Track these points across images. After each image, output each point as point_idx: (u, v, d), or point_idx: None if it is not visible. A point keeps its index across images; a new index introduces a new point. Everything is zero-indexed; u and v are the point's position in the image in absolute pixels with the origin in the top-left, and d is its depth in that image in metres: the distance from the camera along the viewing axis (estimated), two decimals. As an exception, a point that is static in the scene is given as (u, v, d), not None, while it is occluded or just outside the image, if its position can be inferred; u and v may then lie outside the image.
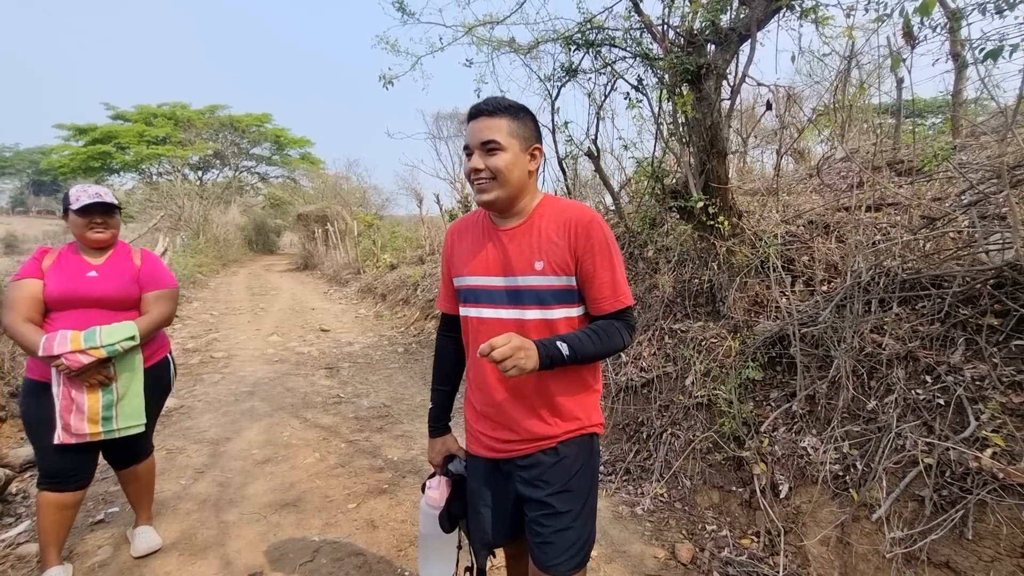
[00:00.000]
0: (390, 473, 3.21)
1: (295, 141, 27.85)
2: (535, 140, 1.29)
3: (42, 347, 1.86)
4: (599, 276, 1.25)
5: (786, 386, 2.79)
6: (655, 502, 2.75)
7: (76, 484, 2.09)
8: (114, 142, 22.95)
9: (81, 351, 1.89)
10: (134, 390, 2.07)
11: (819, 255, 2.91)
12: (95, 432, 1.98)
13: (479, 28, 4.58)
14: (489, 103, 1.26)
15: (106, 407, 2.00)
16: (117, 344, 1.96)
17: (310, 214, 18.69)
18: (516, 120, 1.25)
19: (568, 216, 1.27)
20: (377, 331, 7.64)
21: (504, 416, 1.35)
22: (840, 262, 2.86)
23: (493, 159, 1.23)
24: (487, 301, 1.34)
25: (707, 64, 2.73)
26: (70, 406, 1.94)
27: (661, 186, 3.13)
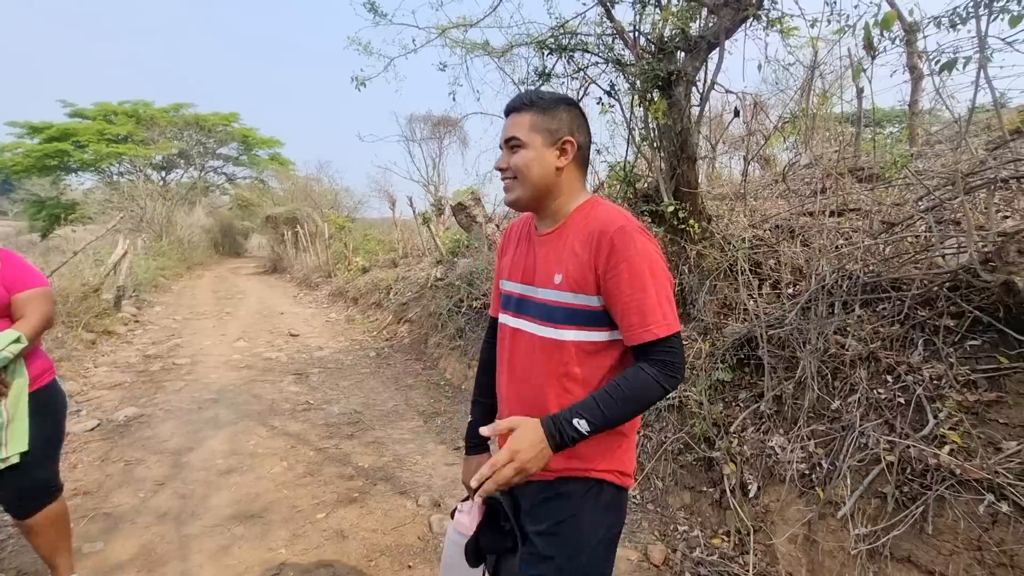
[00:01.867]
0: (361, 481, 3.14)
1: (264, 141, 27.21)
2: (567, 132, 1.14)
3: None
4: (623, 297, 1.05)
5: (754, 387, 2.84)
6: (628, 504, 2.76)
7: None
8: (72, 140, 21.99)
9: None
10: (22, 409, 1.83)
11: (785, 259, 2.98)
12: None
13: (453, 30, 4.55)
14: (517, 98, 1.17)
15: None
16: (5, 350, 1.75)
17: (279, 216, 18.27)
18: (543, 113, 1.14)
19: (595, 225, 1.11)
20: (348, 336, 7.51)
21: None
22: (805, 265, 2.94)
23: (515, 157, 1.15)
24: (514, 309, 1.24)
25: (677, 71, 2.77)
26: None
27: (633, 190, 3.17)
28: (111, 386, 5.02)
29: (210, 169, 27.21)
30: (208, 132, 24.95)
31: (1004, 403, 2.02)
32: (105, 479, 3.15)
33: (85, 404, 4.50)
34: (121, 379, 5.25)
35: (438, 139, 15.77)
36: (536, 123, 1.14)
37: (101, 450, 3.57)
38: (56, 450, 2.04)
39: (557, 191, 1.17)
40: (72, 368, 5.48)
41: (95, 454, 3.51)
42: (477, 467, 1.38)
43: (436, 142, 15.89)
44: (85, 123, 22.86)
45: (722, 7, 2.74)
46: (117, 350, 6.49)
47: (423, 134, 15.62)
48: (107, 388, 4.96)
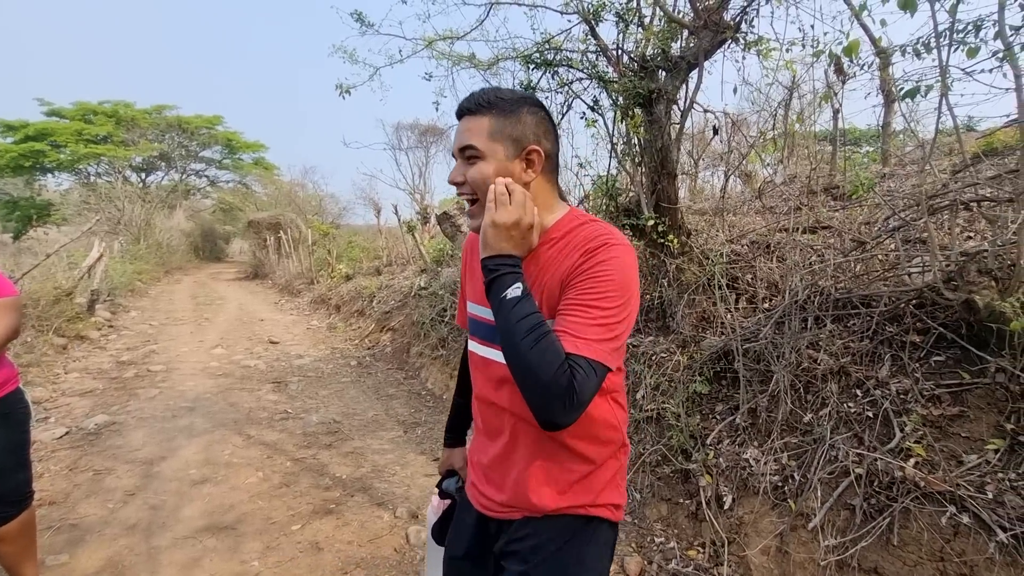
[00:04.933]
0: (338, 492, 3.10)
1: (248, 145, 26.94)
2: (532, 140, 0.97)
3: None
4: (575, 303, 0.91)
5: (731, 400, 2.89)
6: (606, 516, 2.78)
7: None
8: (48, 140, 21.52)
9: None
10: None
11: (761, 274, 3.06)
12: None
13: (439, 43, 4.60)
14: (473, 98, 0.99)
15: None
16: None
17: (262, 221, 18.07)
18: (505, 117, 0.96)
19: (580, 236, 0.97)
20: (329, 343, 7.43)
21: (495, 470, 1.09)
22: (780, 281, 3.01)
23: (471, 170, 0.98)
24: (483, 337, 1.09)
25: (658, 89, 2.84)
26: None
27: (615, 204, 3.23)
28: (82, 393, 4.90)
29: (192, 172, 26.84)
30: (191, 135, 24.64)
31: (966, 417, 2.09)
32: (73, 489, 3.07)
33: (54, 411, 4.38)
34: (92, 386, 5.13)
35: (425, 147, 15.83)
36: (496, 129, 0.96)
37: (69, 459, 3.47)
38: (25, 456, 2.00)
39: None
40: (41, 374, 5.34)
41: (63, 463, 3.42)
42: (446, 460, 1.39)
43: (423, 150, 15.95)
44: (63, 122, 22.39)
45: (701, 29, 2.82)
46: (89, 355, 6.34)
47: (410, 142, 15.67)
48: (77, 395, 4.84)
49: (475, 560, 1.16)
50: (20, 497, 1.96)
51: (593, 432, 1.01)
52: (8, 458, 1.87)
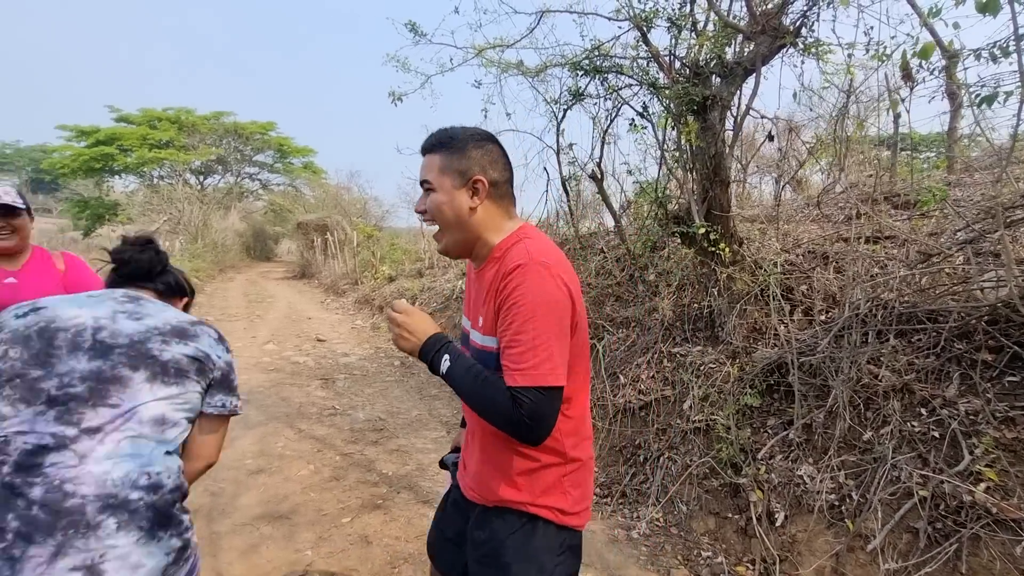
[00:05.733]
0: (384, 488, 3.19)
1: (298, 150, 27.96)
2: (477, 171, 1.09)
3: None
4: (507, 337, 1.00)
5: (783, 414, 2.82)
6: (651, 526, 2.75)
7: None
8: (117, 144, 22.98)
9: None
10: None
11: (818, 285, 2.96)
12: None
13: (489, 50, 4.68)
14: (429, 139, 1.13)
15: None
16: None
17: (310, 223, 18.72)
18: (453, 154, 1.09)
19: (503, 261, 1.07)
20: (373, 343, 7.63)
21: (467, 453, 1.24)
22: (838, 293, 2.91)
23: (428, 200, 1.12)
24: (463, 343, 1.24)
25: (713, 95, 2.80)
26: None
27: (664, 211, 3.19)
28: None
29: (246, 175, 28.07)
30: (246, 139, 25.81)
31: (1046, 443, 1.97)
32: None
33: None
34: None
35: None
36: (445, 165, 1.10)
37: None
38: None
39: (477, 231, 1.12)
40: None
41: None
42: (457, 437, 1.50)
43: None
44: (130, 128, 23.87)
45: (759, 34, 2.77)
46: (153, 348, 6.72)
47: (452, 147, 15.85)
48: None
49: (456, 543, 1.29)
50: None
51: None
52: None
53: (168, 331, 1.14)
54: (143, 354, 1.09)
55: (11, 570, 0.89)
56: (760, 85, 2.73)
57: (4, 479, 0.95)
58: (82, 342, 1.06)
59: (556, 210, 6.60)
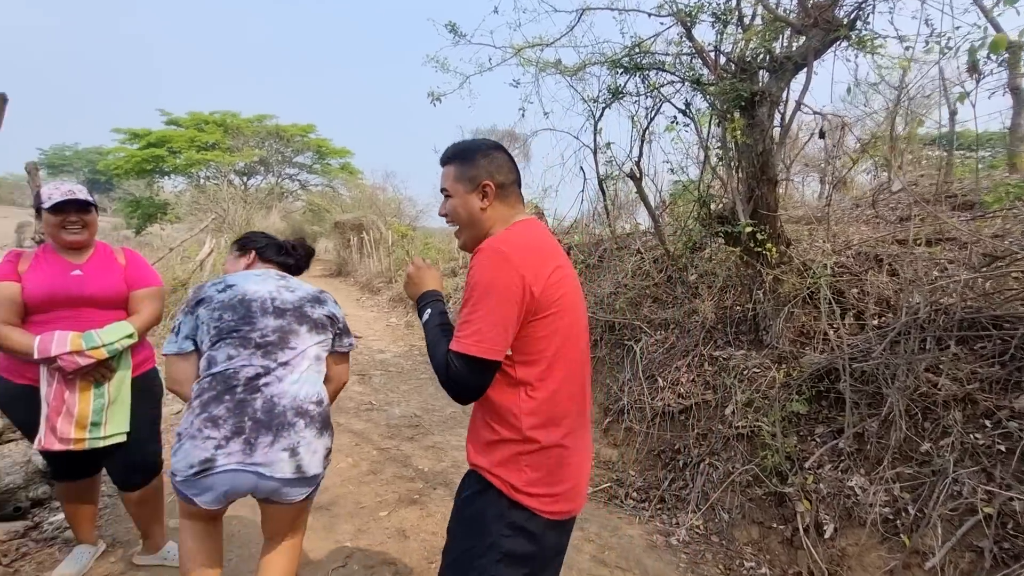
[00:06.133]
0: (421, 483, 3.22)
1: (336, 151, 28.63)
2: (485, 177, 1.25)
3: (37, 349, 1.77)
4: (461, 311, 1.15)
5: (832, 422, 2.70)
6: (691, 534, 2.69)
7: (83, 476, 2.12)
8: (167, 146, 24.05)
9: (79, 352, 1.81)
10: (124, 394, 1.98)
11: (872, 288, 2.83)
12: (80, 439, 1.88)
13: (527, 50, 4.67)
14: (444, 153, 1.33)
15: (96, 411, 1.90)
16: (116, 343, 1.89)
17: (347, 222, 19.14)
18: (463, 164, 1.28)
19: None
20: (408, 341, 7.73)
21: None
22: (893, 296, 2.77)
23: (447, 204, 1.32)
24: None
25: (761, 91, 2.71)
26: (60, 408, 1.84)
27: (707, 210, 3.11)
28: (194, 374, 5.42)
29: (286, 176, 28.90)
30: (287, 141, 26.58)
31: None
32: (190, 460, 3.40)
33: (172, 389, 4.88)
34: (203, 368, 5.65)
35: (501, 153, 16.05)
36: (458, 174, 1.28)
37: (186, 433, 3.85)
38: (158, 429, 2.24)
39: (487, 227, 1.28)
40: (161, 356, 5.96)
41: (181, 436, 3.80)
42: None
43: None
44: (179, 131, 24.95)
45: (811, 27, 2.67)
46: (199, 341, 6.99)
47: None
48: (191, 376, 5.36)
49: None
50: (151, 466, 2.19)
51: (494, 411, 1.19)
52: (143, 430, 2.10)
53: (311, 299, 1.69)
54: (303, 314, 1.64)
55: (252, 449, 1.44)
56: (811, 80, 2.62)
57: (239, 395, 1.47)
58: (267, 307, 1.59)
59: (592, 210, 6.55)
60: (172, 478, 1.47)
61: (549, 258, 1.19)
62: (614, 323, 4.40)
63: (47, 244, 2.02)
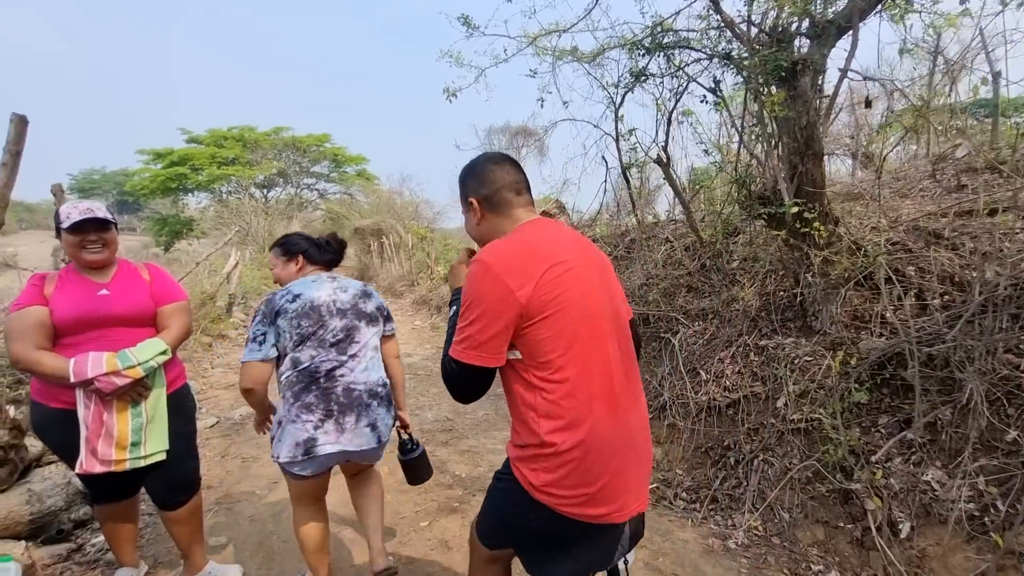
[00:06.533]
0: (459, 491, 3.12)
1: (352, 159, 28.88)
2: (471, 195, 1.36)
3: (72, 372, 1.75)
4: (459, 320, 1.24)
5: (898, 411, 2.51)
6: (749, 536, 2.52)
7: (123, 497, 2.08)
8: (189, 164, 24.56)
9: (116, 373, 1.78)
10: (161, 412, 1.96)
11: (934, 265, 2.62)
12: (121, 459, 1.85)
13: (543, 38, 4.53)
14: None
15: (135, 431, 1.88)
16: (151, 360, 1.88)
17: (366, 228, 19.26)
18: (460, 188, 1.41)
19: None
20: (434, 343, 7.66)
21: None
22: (960, 273, 2.56)
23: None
24: None
25: (803, 59, 2.53)
26: (99, 430, 1.82)
27: (747, 192, 2.93)
28: (226, 386, 5.44)
29: (304, 186, 29.27)
30: (303, 152, 26.90)
31: None
32: (225, 475, 3.37)
33: (205, 402, 4.89)
34: (234, 380, 5.67)
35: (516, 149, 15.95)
36: (460, 197, 1.42)
37: (221, 446, 3.83)
38: (193, 445, 2.19)
39: (487, 238, 1.35)
40: (192, 368, 6.01)
41: (215, 450, 3.78)
42: None
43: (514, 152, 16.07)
44: (200, 148, 25.46)
45: (854, -13, 2.47)
46: (230, 352, 7.05)
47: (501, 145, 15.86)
48: (223, 388, 5.38)
49: None
50: (190, 483, 2.16)
51: (517, 412, 1.23)
52: (179, 447, 2.05)
53: (360, 294, 1.99)
54: (359, 311, 1.95)
55: (342, 428, 1.81)
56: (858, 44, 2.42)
57: (322, 385, 1.82)
58: (332, 310, 1.89)
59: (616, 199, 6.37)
60: (276, 460, 1.83)
61: (543, 259, 1.17)
62: (648, 315, 4.24)
63: (70, 265, 1.99)
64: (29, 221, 37.95)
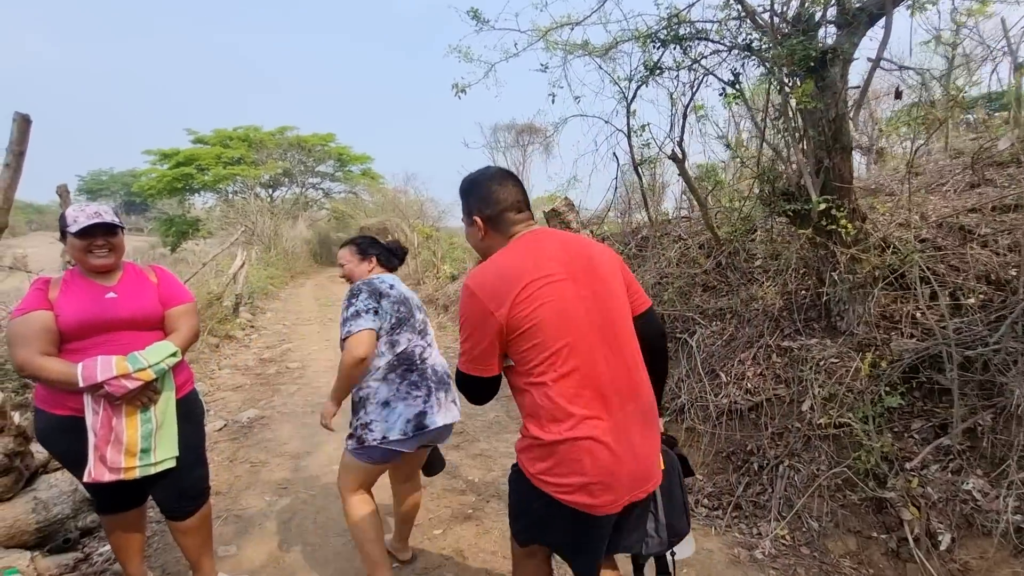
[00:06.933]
0: (473, 497, 3.04)
1: (356, 158, 28.83)
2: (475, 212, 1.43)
3: (81, 377, 1.70)
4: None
5: (932, 415, 2.40)
6: (777, 545, 2.43)
7: (131, 506, 2.02)
8: (195, 164, 24.58)
9: (126, 376, 1.73)
10: (171, 417, 1.90)
11: (971, 263, 2.51)
12: (131, 467, 1.79)
13: (554, 31, 4.43)
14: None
15: (145, 437, 1.82)
16: (162, 362, 1.83)
17: (372, 227, 19.19)
18: (462, 200, 1.48)
19: None
20: (441, 343, 7.57)
21: None
22: (997, 271, 2.45)
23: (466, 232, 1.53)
24: None
25: (832, 49, 2.42)
26: (108, 436, 1.76)
27: (771, 187, 2.82)
28: (233, 388, 5.38)
29: (310, 186, 29.26)
30: (308, 152, 26.87)
31: None
32: (234, 480, 3.30)
33: (212, 405, 4.83)
34: (241, 381, 5.61)
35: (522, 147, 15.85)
36: (462, 209, 1.49)
37: (229, 450, 3.77)
38: (202, 453, 2.12)
39: (488, 252, 1.43)
40: (200, 370, 5.95)
41: (223, 454, 3.71)
42: None
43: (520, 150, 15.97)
44: (206, 148, 25.47)
45: (886, -28, 2.36)
46: (237, 353, 7.00)
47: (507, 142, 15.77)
48: (230, 390, 5.32)
49: None
50: (199, 492, 2.09)
51: (519, 410, 1.37)
52: (188, 454, 1.98)
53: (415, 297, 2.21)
54: (420, 306, 2.17)
55: (439, 403, 2.01)
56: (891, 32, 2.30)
57: (419, 366, 2.03)
58: (414, 303, 2.13)
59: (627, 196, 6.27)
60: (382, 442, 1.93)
61: (519, 278, 1.27)
62: (663, 315, 4.13)
63: (75, 269, 1.92)
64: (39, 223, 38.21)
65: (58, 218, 1.94)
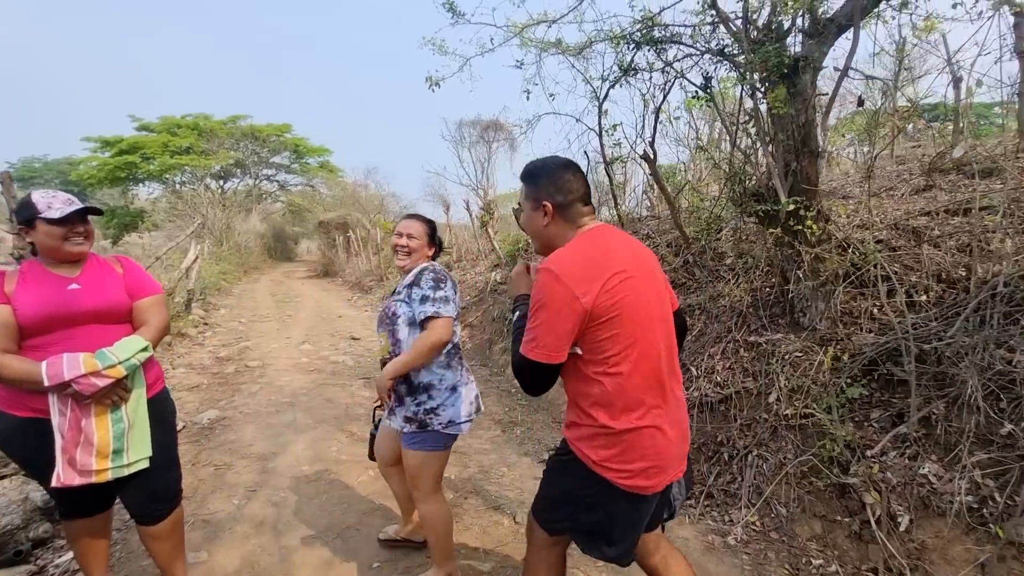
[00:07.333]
0: (451, 494, 3.02)
1: (314, 150, 27.98)
2: (545, 198, 1.42)
3: (46, 375, 1.59)
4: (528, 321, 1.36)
5: (888, 405, 2.56)
6: (748, 531, 2.53)
7: (98, 511, 1.91)
8: (140, 152, 23.20)
9: (95, 373, 1.63)
10: (142, 415, 1.80)
11: (925, 263, 2.69)
12: (102, 469, 1.69)
13: (529, 28, 4.44)
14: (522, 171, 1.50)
15: (117, 437, 1.72)
16: (132, 358, 1.73)
17: (331, 221, 18.74)
18: (529, 184, 1.46)
19: None
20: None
21: None
22: (950, 270, 2.63)
23: (521, 218, 1.52)
24: None
25: (804, 57, 2.53)
26: (77, 438, 1.66)
27: (742, 188, 2.93)
28: (190, 388, 5.13)
29: (264, 177, 28.20)
30: (263, 142, 25.87)
31: None
32: (199, 484, 3.16)
33: (169, 406, 4.59)
34: (198, 381, 5.37)
35: (487, 143, 15.80)
36: (526, 192, 1.46)
37: (190, 453, 3.60)
38: (174, 454, 2.03)
39: (550, 241, 1.44)
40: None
41: (185, 457, 3.53)
42: None
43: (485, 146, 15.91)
44: (151, 136, 24.08)
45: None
46: (191, 352, 6.68)
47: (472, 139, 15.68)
48: (187, 390, 5.07)
49: None
50: (172, 494, 1.99)
51: (575, 400, 1.41)
52: (161, 455, 1.88)
53: None
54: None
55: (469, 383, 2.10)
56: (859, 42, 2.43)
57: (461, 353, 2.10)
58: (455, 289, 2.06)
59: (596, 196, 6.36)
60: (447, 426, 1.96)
61: (605, 269, 1.30)
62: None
63: (32, 260, 1.79)
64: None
65: (17, 206, 1.80)
